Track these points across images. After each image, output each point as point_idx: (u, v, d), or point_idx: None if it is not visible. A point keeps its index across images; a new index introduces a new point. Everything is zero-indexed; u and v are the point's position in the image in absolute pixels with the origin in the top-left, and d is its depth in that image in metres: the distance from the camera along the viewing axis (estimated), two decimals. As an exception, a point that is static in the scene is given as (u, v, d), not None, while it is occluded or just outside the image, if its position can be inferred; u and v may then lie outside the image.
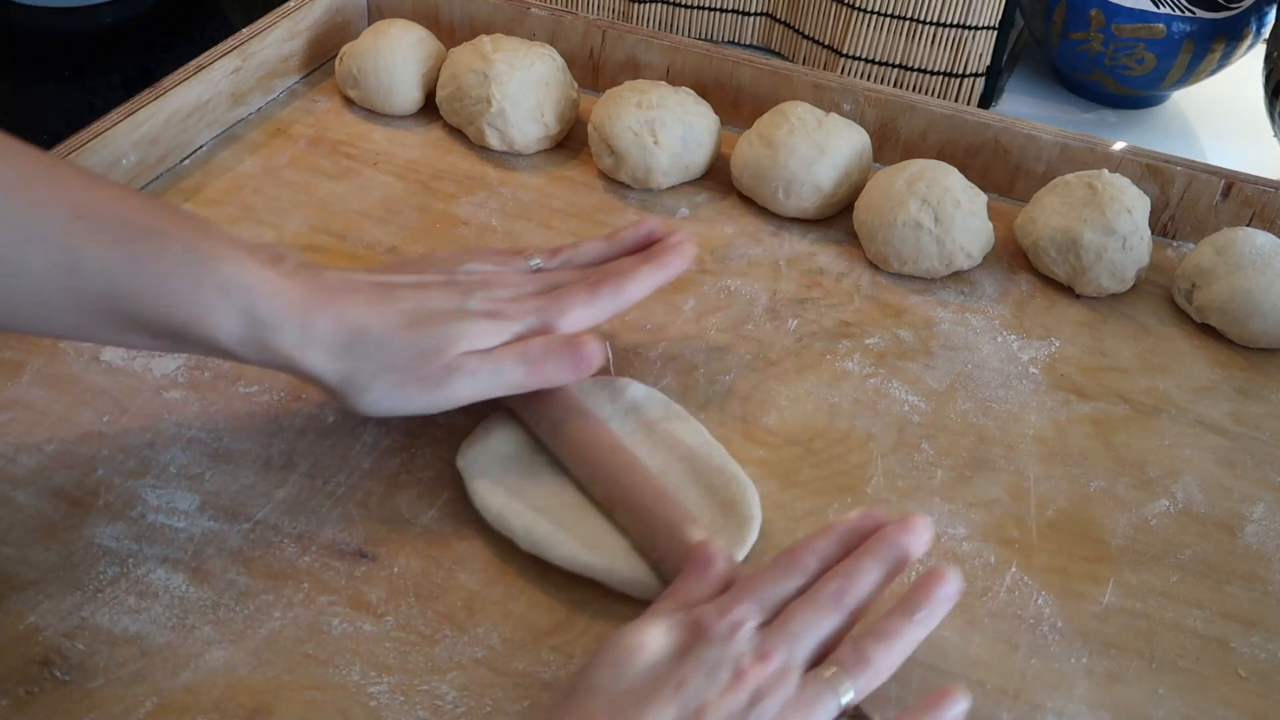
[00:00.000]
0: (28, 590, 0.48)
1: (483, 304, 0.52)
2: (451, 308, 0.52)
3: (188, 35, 1.00)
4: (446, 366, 0.50)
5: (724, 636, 0.42)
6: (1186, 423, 0.61)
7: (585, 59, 0.82)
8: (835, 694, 0.42)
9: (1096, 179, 0.68)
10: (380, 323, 0.50)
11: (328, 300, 0.50)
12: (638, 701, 0.40)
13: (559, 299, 0.54)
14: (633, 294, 0.55)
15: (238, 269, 0.48)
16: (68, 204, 0.46)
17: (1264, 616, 0.52)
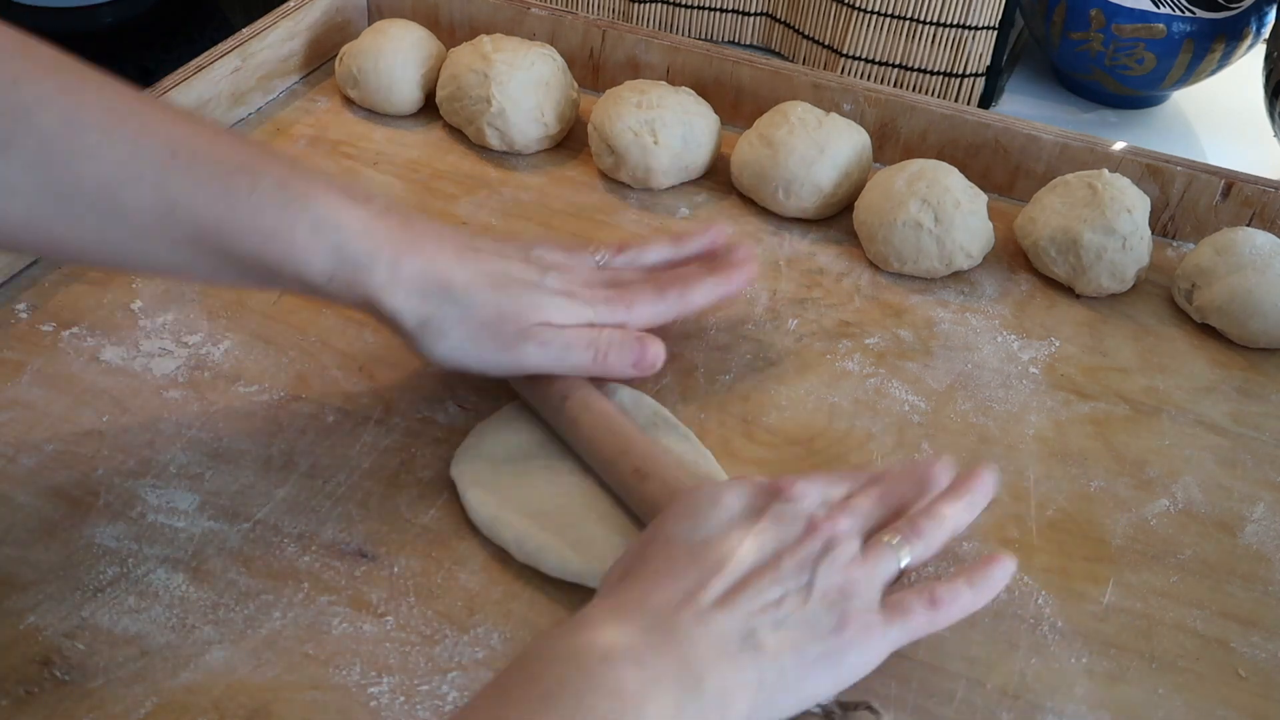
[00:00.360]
0: (28, 590, 0.48)
1: (559, 283, 0.54)
2: (531, 280, 0.53)
3: (188, 35, 1.00)
4: (522, 332, 0.52)
5: (797, 497, 0.46)
6: (1186, 423, 0.61)
7: (585, 59, 0.82)
8: (895, 555, 0.45)
9: (1096, 179, 0.68)
10: (466, 276, 0.51)
11: (417, 245, 0.51)
12: (718, 546, 0.44)
13: (627, 294, 0.56)
14: (697, 301, 0.57)
15: (329, 206, 0.49)
16: (163, 141, 0.47)
17: (1264, 616, 0.52)
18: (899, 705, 0.47)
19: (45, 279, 0.63)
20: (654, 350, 0.55)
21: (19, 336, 0.60)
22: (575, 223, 0.71)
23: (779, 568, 0.43)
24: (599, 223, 0.71)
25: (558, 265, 0.56)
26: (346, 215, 0.49)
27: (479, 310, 0.51)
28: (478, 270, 0.52)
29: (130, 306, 0.62)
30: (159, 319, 0.61)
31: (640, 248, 0.60)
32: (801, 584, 0.43)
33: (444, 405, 0.58)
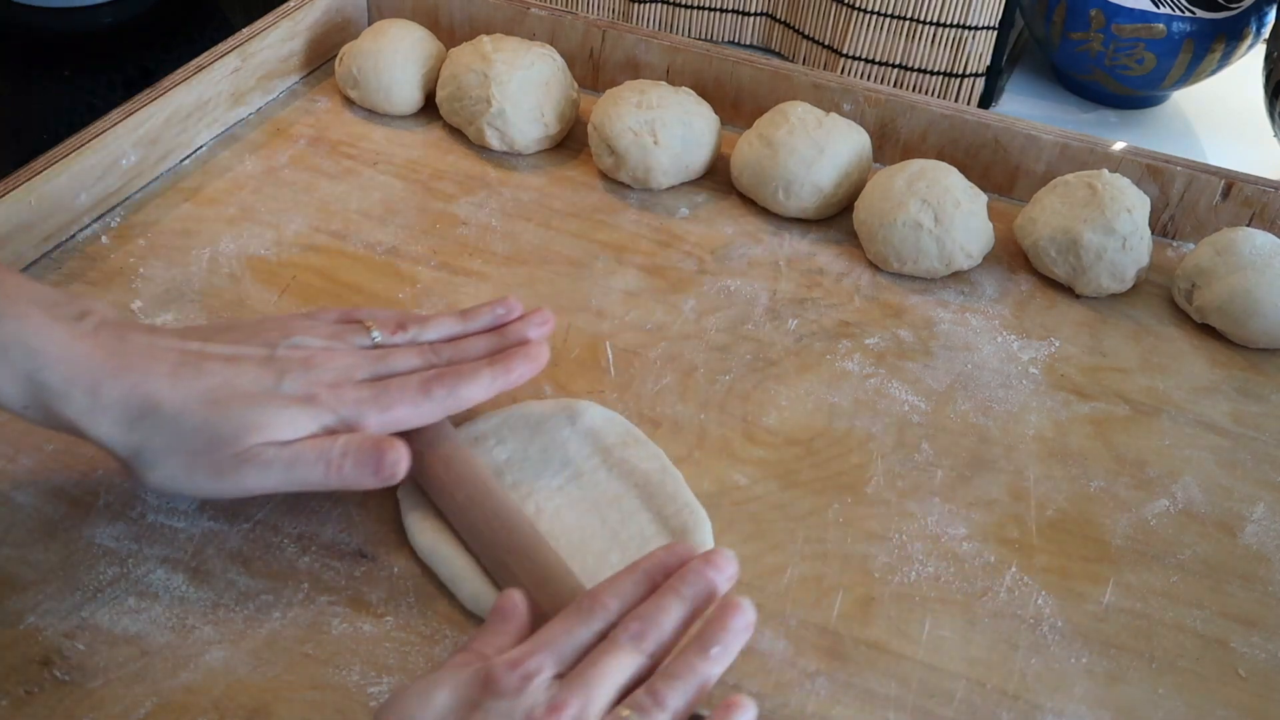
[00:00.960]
0: (28, 590, 0.48)
1: (298, 387, 0.48)
2: (260, 389, 0.48)
3: (188, 35, 1.00)
4: (239, 455, 0.46)
5: (514, 689, 0.39)
6: (1186, 423, 0.61)
7: (585, 59, 0.82)
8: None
9: (1096, 179, 0.68)
10: (176, 398, 0.46)
11: (123, 367, 0.46)
12: None
13: (384, 393, 0.50)
14: (469, 397, 0.51)
15: (21, 328, 0.45)
16: None
17: (1264, 616, 0.52)
18: (899, 705, 0.47)
19: (45, 279, 0.63)
20: (393, 456, 0.47)
21: (19, 336, 0.60)
22: (575, 223, 0.71)
23: None
24: (599, 223, 0.71)
25: (308, 361, 0.50)
26: (42, 339, 0.45)
27: (189, 436, 0.46)
28: (193, 388, 0.47)
29: (130, 306, 0.62)
30: (159, 319, 0.61)
31: (421, 325, 0.54)
32: None
33: (444, 405, 0.58)
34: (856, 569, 0.52)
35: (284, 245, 0.67)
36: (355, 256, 0.67)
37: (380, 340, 0.53)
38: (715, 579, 0.43)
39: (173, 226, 0.68)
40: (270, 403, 0.48)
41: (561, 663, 0.41)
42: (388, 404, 0.49)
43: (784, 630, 0.49)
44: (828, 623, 0.50)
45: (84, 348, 0.46)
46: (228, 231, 0.67)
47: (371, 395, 0.49)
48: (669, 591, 0.43)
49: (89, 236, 0.66)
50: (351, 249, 0.67)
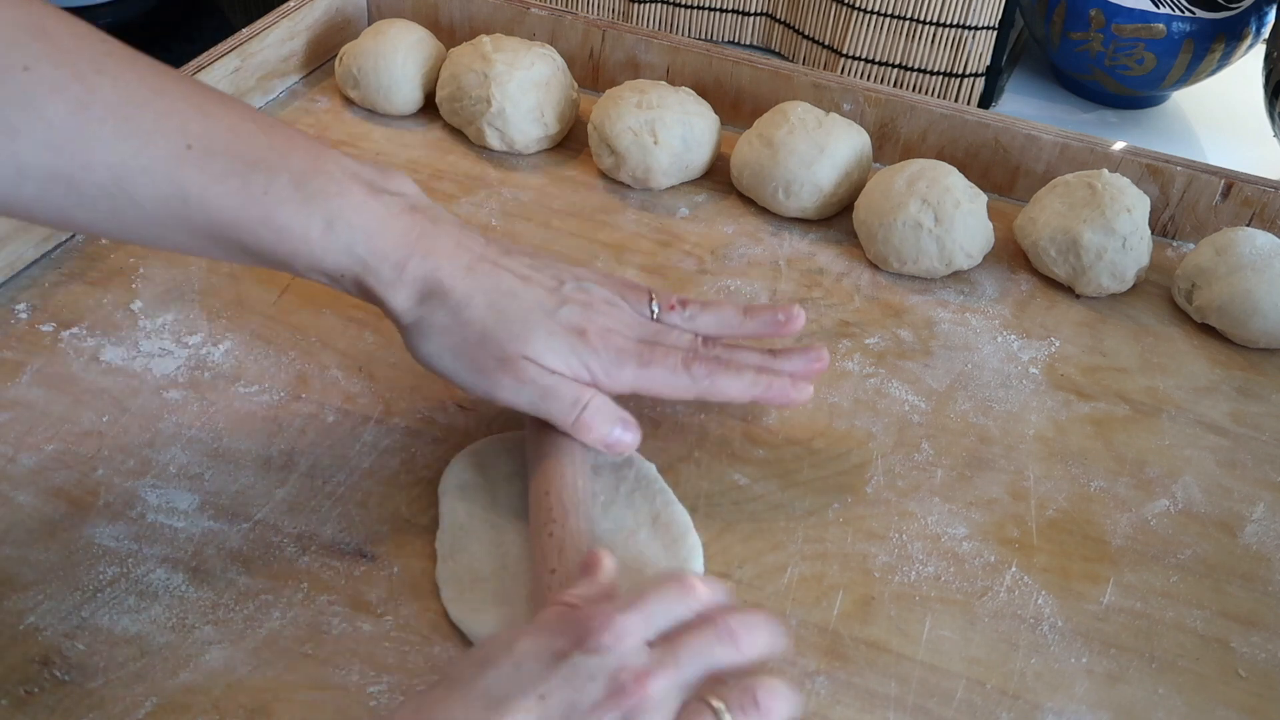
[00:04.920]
0: (28, 590, 0.48)
1: (573, 318, 0.51)
2: (540, 308, 0.51)
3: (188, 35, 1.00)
4: (503, 361, 0.50)
5: (606, 647, 0.39)
6: (1186, 423, 0.61)
7: (585, 59, 0.82)
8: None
9: (1096, 179, 0.68)
10: (467, 287, 0.50)
11: (429, 250, 0.50)
12: (497, 704, 0.37)
13: (648, 352, 0.52)
14: (725, 389, 0.53)
15: (345, 206, 0.48)
16: (178, 132, 0.46)
17: (1264, 616, 0.52)
18: (899, 705, 0.47)
19: (45, 279, 0.63)
20: (631, 436, 0.51)
21: (19, 336, 0.60)
22: (575, 223, 0.71)
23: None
24: (599, 223, 0.71)
25: (589, 303, 0.52)
26: (362, 215, 0.49)
27: (466, 326, 0.50)
28: (484, 284, 0.50)
29: (130, 306, 0.62)
30: (159, 319, 0.61)
31: (701, 307, 0.55)
32: None
33: (444, 405, 0.58)
34: (856, 569, 0.52)
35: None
36: (355, 256, 0.67)
37: (658, 313, 0.55)
38: None
39: (173, 226, 0.68)
40: (544, 323, 0.50)
41: (655, 630, 0.41)
42: (648, 361, 0.52)
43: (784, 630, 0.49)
44: (828, 623, 0.50)
45: (397, 225, 0.49)
46: (228, 231, 0.67)
47: (635, 350, 0.52)
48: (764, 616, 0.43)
49: (89, 236, 0.66)
50: (351, 249, 0.67)
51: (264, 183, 0.47)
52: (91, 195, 0.45)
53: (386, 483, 0.54)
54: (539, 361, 0.50)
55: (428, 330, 0.50)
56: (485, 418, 0.57)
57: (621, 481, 0.53)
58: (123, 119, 0.45)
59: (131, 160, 0.45)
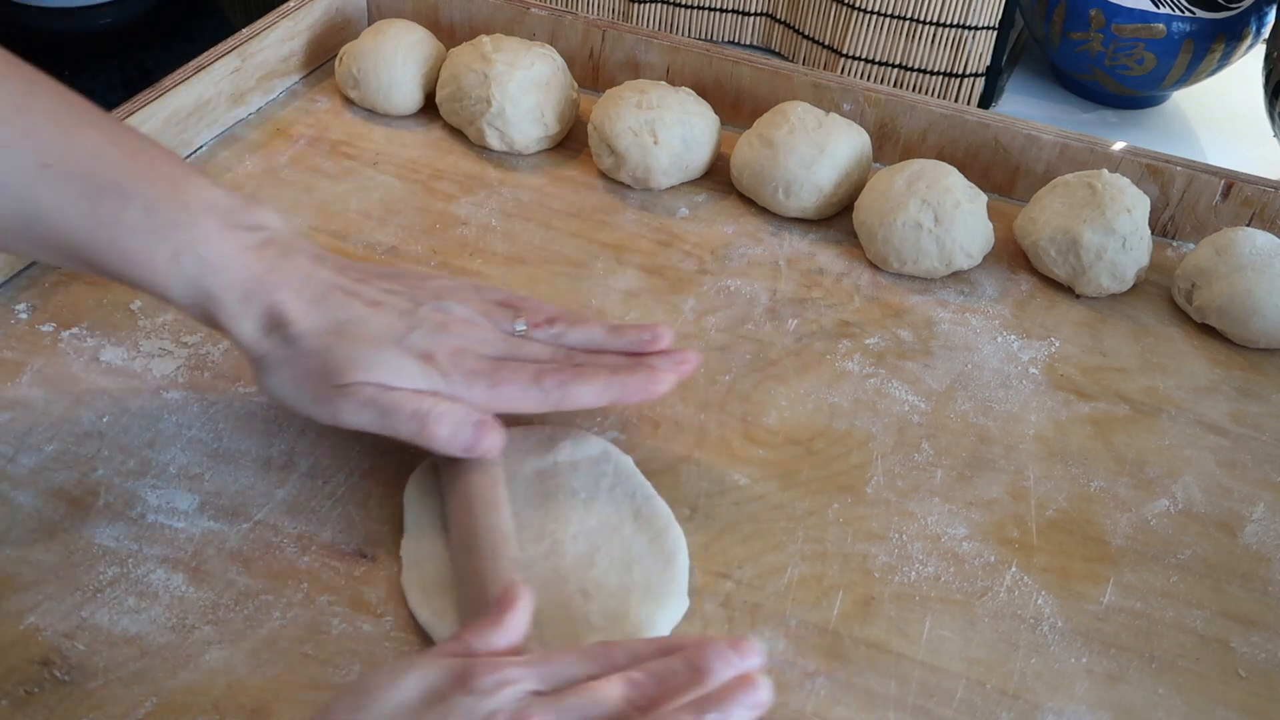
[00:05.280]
0: (28, 590, 0.48)
1: (421, 343, 0.50)
2: (386, 336, 0.50)
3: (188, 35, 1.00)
4: (342, 388, 0.49)
5: (486, 690, 0.38)
6: (1186, 423, 0.61)
7: (585, 59, 0.82)
8: None
9: (1096, 179, 0.68)
10: (311, 320, 0.49)
11: (276, 283, 0.49)
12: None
13: (498, 370, 0.51)
14: (579, 397, 0.51)
15: (193, 238, 0.48)
16: (37, 150, 0.47)
17: (1264, 616, 0.52)
18: (899, 705, 0.47)
19: (45, 279, 0.63)
20: (490, 439, 0.49)
21: (19, 336, 0.60)
22: (575, 223, 0.71)
23: None
24: (599, 223, 0.71)
25: (443, 324, 0.51)
26: (210, 247, 0.48)
27: (306, 357, 0.49)
28: (331, 315, 0.50)
29: (130, 306, 0.62)
30: (159, 319, 0.61)
31: (569, 324, 0.54)
32: None
33: (444, 405, 0.58)
34: (856, 569, 0.52)
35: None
36: (355, 256, 0.67)
37: (523, 330, 0.54)
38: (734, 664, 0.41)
39: (173, 226, 0.68)
40: (390, 349, 0.50)
41: (546, 684, 0.40)
42: (498, 381, 0.51)
43: (784, 630, 0.49)
44: (828, 623, 0.50)
45: (247, 259, 0.49)
46: (228, 231, 0.67)
47: (486, 369, 0.51)
48: (682, 658, 0.41)
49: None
50: (351, 249, 0.67)
51: (115, 208, 0.47)
52: None
53: (386, 483, 0.54)
54: (381, 383, 0.49)
55: (272, 363, 0.50)
56: (485, 418, 0.57)
57: (601, 477, 0.53)
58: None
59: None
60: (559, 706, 0.39)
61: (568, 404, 0.52)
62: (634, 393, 0.52)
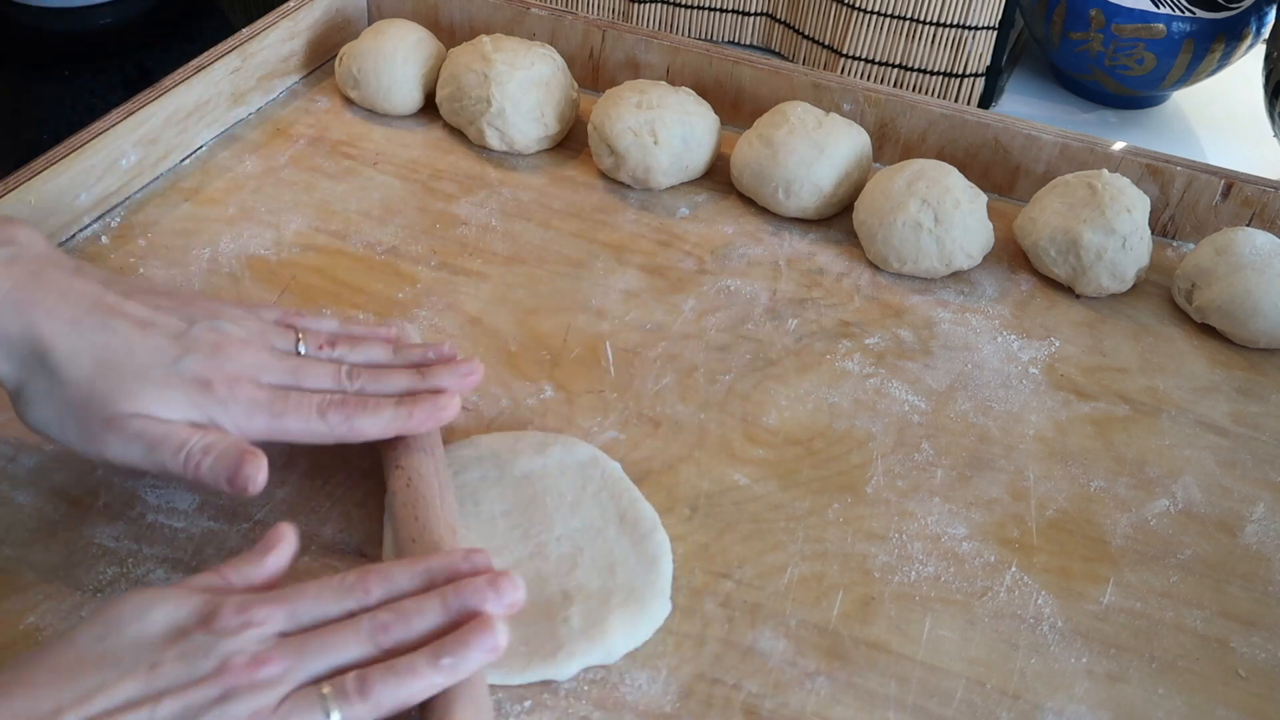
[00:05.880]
0: (28, 590, 0.48)
1: (196, 369, 0.47)
2: (156, 362, 0.47)
3: (187, 35, 1.00)
4: (108, 420, 0.46)
5: (228, 631, 0.39)
6: (1186, 423, 0.61)
7: (585, 59, 0.82)
8: (323, 712, 0.38)
9: (1096, 179, 0.68)
10: (68, 347, 0.46)
11: (27, 302, 0.46)
12: (108, 668, 0.37)
13: (280, 401, 0.48)
14: (365, 430, 0.49)
15: None
16: None
17: (1264, 616, 0.52)
18: (899, 705, 0.47)
19: (45, 279, 0.63)
20: (251, 468, 0.46)
21: (19, 336, 0.60)
22: (575, 223, 0.71)
23: (155, 711, 0.37)
24: (599, 223, 0.71)
25: (218, 346, 0.48)
26: None
27: (70, 388, 0.45)
28: (92, 339, 0.46)
29: (130, 306, 0.62)
30: (159, 319, 0.61)
31: (352, 345, 0.52)
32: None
33: (444, 405, 0.58)
34: (856, 569, 0.52)
35: (284, 245, 0.67)
36: (355, 256, 0.67)
37: (305, 352, 0.51)
38: (491, 601, 0.41)
39: (173, 226, 0.68)
40: (161, 377, 0.46)
41: (293, 624, 0.40)
42: (280, 412, 0.48)
43: (784, 630, 0.49)
44: (828, 623, 0.50)
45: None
46: (227, 231, 0.67)
47: (267, 400, 0.48)
48: (436, 596, 0.41)
49: (89, 236, 0.66)
50: (351, 249, 0.67)
51: None
52: None
53: (386, 483, 0.54)
54: (151, 415, 0.46)
55: (31, 395, 0.46)
56: (485, 417, 0.57)
57: (588, 481, 0.53)
58: None
59: None
60: (300, 651, 0.39)
61: (353, 437, 0.49)
62: (421, 421, 0.50)
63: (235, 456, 0.46)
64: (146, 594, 0.40)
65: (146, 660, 0.38)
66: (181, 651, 0.38)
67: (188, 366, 0.47)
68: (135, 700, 0.37)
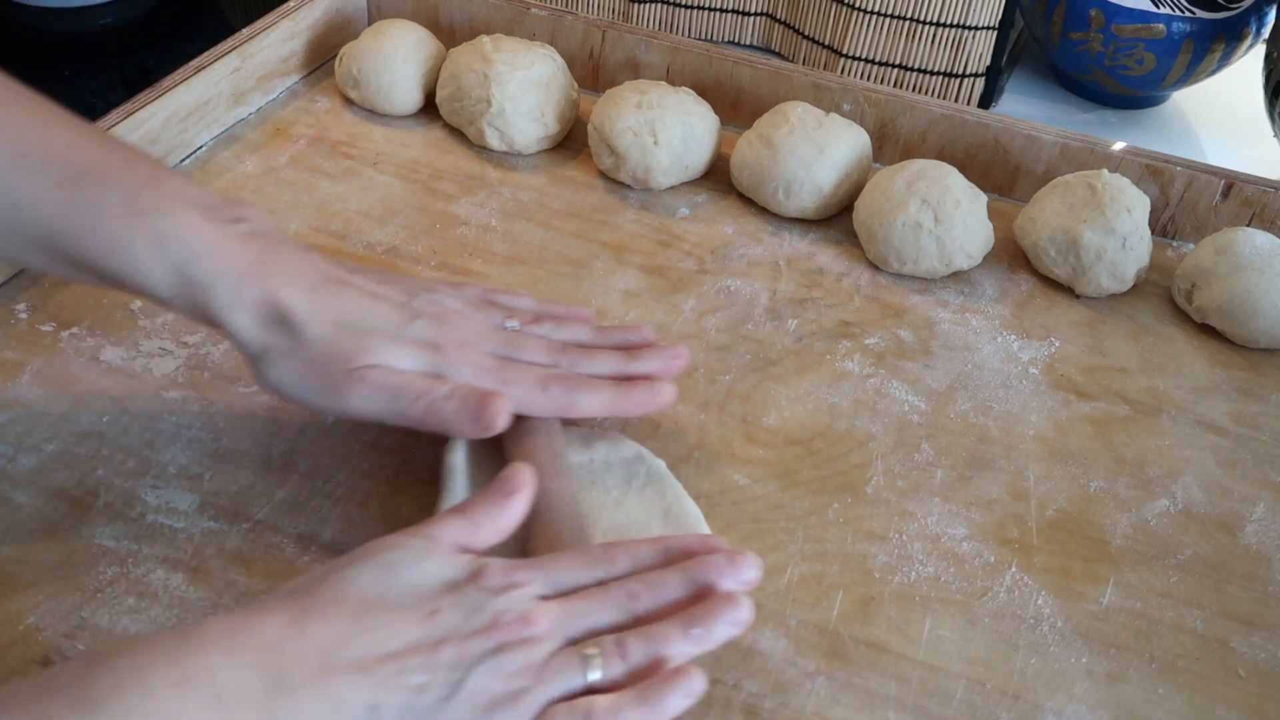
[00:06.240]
0: (28, 590, 0.48)
1: (426, 334, 0.50)
2: (387, 324, 0.50)
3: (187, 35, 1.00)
4: (350, 372, 0.48)
5: (496, 589, 0.41)
6: (1186, 423, 0.61)
7: (585, 59, 0.82)
8: (583, 671, 0.40)
9: (1096, 179, 0.68)
10: (309, 309, 0.49)
11: (266, 272, 0.49)
12: (390, 611, 0.40)
13: (507, 369, 0.51)
14: (583, 407, 0.52)
15: (176, 224, 0.47)
16: (15, 140, 0.47)
17: (1264, 616, 0.52)
18: (899, 705, 0.47)
19: (45, 279, 0.63)
20: (495, 408, 0.48)
21: (19, 336, 0.60)
22: (575, 223, 0.71)
23: (435, 655, 0.39)
24: (599, 223, 0.71)
25: (441, 316, 0.52)
26: (193, 234, 0.47)
27: (311, 347, 0.48)
28: (326, 307, 0.49)
29: (130, 306, 0.62)
30: (159, 319, 0.61)
31: (557, 322, 0.55)
32: (451, 680, 0.39)
33: (444, 405, 0.58)
34: (856, 569, 0.52)
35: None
36: (355, 256, 0.67)
37: (516, 328, 0.54)
38: (730, 577, 0.44)
39: (173, 226, 0.68)
40: (395, 337, 0.50)
41: (551, 589, 0.43)
42: (507, 379, 0.51)
43: (784, 630, 0.49)
44: (828, 623, 0.50)
45: (234, 247, 0.48)
46: (228, 231, 0.67)
47: (494, 366, 0.51)
48: (679, 570, 0.44)
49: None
50: (351, 249, 0.67)
51: (94, 194, 0.47)
52: None
53: (386, 483, 0.54)
54: (391, 367, 0.49)
55: (274, 356, 0.49)
56: (485, 418, 0.57)
57: (633, 478, 0.53)
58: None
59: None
60: (561, 613, 0.42)
61: (570, 412, 0.52)
62: (637, 406, 0.53)
63: (478, 398, 0.49)
64: (415, 544, 0.42)
65: (426, 607, 0.40)
66: (457, 602, 0.41)
67: (417, 331, 0.50)
68: (417, 644, 0.39)
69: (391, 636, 0.39)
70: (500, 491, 0.45)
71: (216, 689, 0.35)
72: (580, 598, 0.43)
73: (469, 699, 0.39)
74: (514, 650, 0.40)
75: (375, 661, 0.38)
